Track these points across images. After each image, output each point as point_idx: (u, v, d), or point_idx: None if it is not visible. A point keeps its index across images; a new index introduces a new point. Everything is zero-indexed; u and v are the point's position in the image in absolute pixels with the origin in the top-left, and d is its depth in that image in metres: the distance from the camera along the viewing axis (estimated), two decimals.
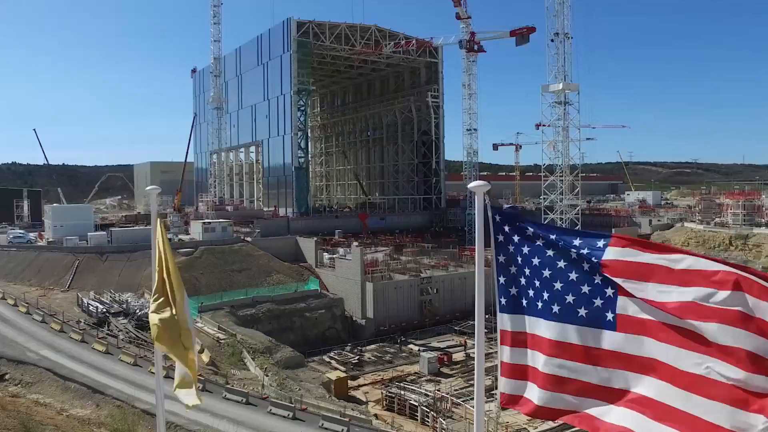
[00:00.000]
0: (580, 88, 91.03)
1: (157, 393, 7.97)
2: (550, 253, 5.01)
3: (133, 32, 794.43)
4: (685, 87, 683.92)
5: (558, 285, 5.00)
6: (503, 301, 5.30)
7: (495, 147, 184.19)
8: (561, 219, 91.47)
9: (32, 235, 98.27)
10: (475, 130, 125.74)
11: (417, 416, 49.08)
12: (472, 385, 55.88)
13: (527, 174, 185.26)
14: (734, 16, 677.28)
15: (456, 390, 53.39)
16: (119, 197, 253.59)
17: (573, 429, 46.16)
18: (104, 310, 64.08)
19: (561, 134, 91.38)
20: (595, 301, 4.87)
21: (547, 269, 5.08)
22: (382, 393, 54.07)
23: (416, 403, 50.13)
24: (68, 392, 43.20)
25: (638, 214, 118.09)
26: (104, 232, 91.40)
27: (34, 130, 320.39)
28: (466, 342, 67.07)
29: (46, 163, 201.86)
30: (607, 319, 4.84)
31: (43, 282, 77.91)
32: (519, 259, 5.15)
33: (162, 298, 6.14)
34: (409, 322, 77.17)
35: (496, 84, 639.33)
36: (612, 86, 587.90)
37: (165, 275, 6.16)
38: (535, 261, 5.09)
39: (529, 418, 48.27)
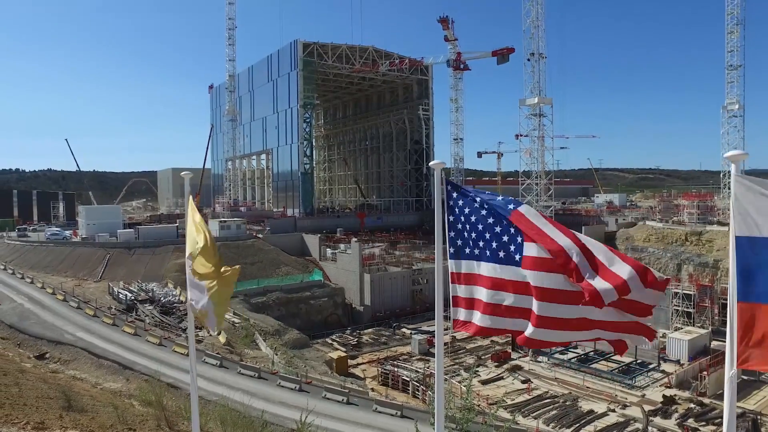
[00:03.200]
0: (554, 102, 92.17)
1: (191, 364, 8.67)
2: (482, 212, 5.86)
3: (155, 52, 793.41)
4: (652, 101, 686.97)
5: (487, 235, 5.84)
6: (452, 250, 6.13)
7: (479, 155, 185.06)
8: None
9: (68, 233, 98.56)
10: (461, 139, 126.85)
11: (408, 390, 49.93)
12: (457, 363, 56.74)
13: (508, 179, 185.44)
14: (691, 38, 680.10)
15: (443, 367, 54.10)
16: (144, 200, 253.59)
17: (543, 401, 46.92)
18: (132, 297, 64.54)
19: (536, 143, 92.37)
20: (510, 246, 5.74)
21: (480, 224, 5.91)
22: (377, 370, 54.92)
23: (408, 379, 51.02)
24: (101, 368, 43.68)
25: (606, 214, 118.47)
26: (132, 230, 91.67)
27: (66, 140, 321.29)
28: (449, 327, 67.77)
29: (78, 169, 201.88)
30: (516, 259, 5.71)
31: (78, 273, 78.25)
32: (462, 217, 5.99)
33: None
34: (402, 309, 78.08)
35: (481, 98, 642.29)
36: (585, 100, 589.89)
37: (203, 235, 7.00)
38: (473, 218, 5.93)
39: (507, 392, 49.14)
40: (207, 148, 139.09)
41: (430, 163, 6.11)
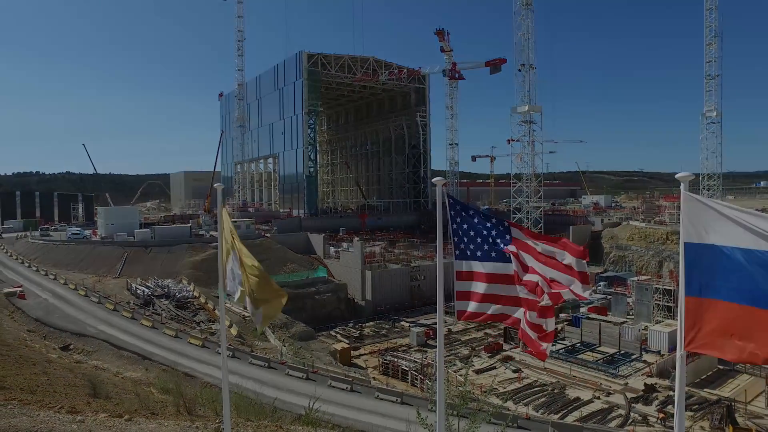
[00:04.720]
0: (543, 109, 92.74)
1: (222, 362, 9.31)
2: (478, 223, 6.56)
3: (169, 62, 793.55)
4: (636, 106, 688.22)
5: (484, 243, 6.56)
6: (457, 252, 6.81)
7: (473, 158, 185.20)
8: (527, 218, 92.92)
9: (87, 232, 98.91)
10: (456, 144, 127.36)
11: (407, 379, 50.43)
12: (453, 354, 57.34)
13: (500, 181, 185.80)
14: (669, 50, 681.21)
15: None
16: (158, 201, 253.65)
17: (532, 389, 47.49)
18: (149, 293, 65.04)
19: (527, 147, 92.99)
20: (504, 252, 6.51)
21: (480, 233, 6.60)
22: (378, 360, 55.44)
23: (407, 369, 51.48)
24: (122, 359, 44.25)
25: (592, 215, 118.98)
26: (148, 230, 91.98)
27: (83, 144, 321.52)
28: (446, 320, 68.44)
29: (94, 172, 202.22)
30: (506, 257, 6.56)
31: (98, 271, 78.54)
32: (464, 225, 6.67)
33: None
34: (401, 304, 78.58)
35: (475, 105, 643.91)
36: (574, 105, 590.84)
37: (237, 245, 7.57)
38: (473, 228, 6.62)
39: (500, 380, 49.75)
40: (217, 152, 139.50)
41: (433, 180, 6.77)
